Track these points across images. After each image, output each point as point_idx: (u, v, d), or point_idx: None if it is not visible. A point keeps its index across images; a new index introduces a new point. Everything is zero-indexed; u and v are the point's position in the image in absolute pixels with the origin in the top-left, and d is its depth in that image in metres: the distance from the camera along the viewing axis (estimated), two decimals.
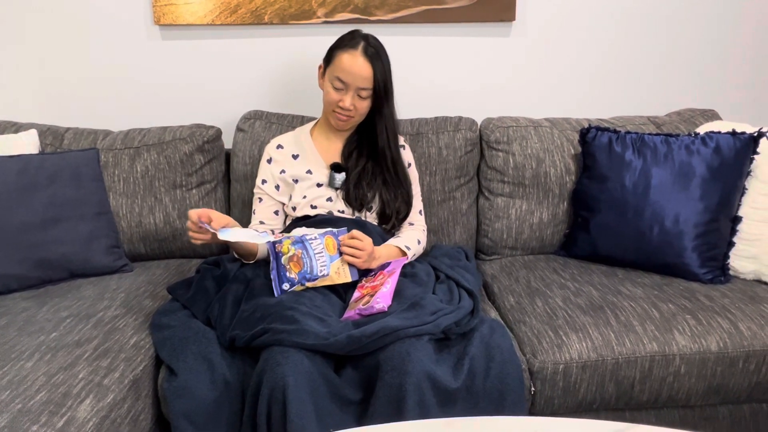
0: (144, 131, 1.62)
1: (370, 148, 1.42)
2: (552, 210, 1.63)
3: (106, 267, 1.47)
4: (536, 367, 1.19)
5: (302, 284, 1.19)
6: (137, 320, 1.25)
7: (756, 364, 1.22)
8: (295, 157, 1.43)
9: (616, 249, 1.51)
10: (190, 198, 1.60)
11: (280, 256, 1.19)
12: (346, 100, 1.32)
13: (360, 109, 1.35)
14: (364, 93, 1.33)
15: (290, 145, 1.45)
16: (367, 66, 1.30)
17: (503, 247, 1.66)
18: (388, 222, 1.41)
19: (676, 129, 1.68)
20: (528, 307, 1.35)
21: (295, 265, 1.19)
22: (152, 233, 1.58)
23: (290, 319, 1.07)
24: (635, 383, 1.21)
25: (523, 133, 1.63)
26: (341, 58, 1.31)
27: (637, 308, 1.29)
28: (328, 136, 1.46)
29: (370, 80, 1.31)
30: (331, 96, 1.34)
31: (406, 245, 1.38)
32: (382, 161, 1.41)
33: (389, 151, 1.41)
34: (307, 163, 1.42)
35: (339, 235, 1.26)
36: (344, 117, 1.35)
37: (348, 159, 1.42)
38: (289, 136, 1.47)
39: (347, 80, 1.31)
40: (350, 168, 1.41)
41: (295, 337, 1.03)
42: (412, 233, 1.44)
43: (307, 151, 1.44)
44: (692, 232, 1.42)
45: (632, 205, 1.46)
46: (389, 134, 1.40)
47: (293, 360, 1.00)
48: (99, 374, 1.06)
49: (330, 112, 1.37)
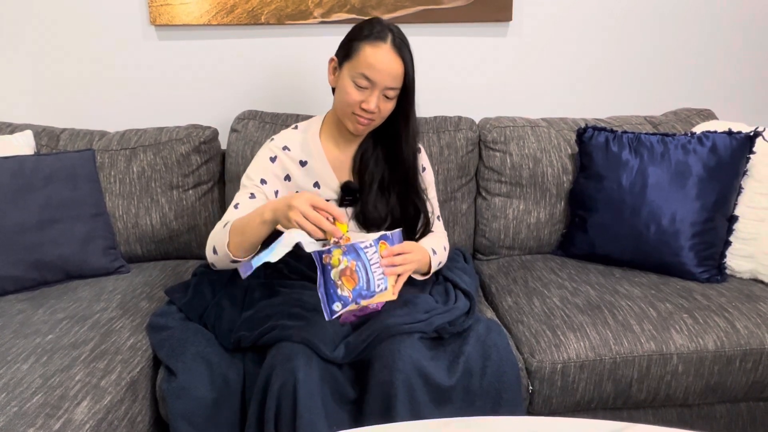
0: (140, 132, 1.62)
1: (388, 156, 1.25)
2: (549, 210, 1.63)
3: (102, 268, 1.47)
4: (534, 367, 1.19)
5: (357, 302, 0.98)
6: (134, 322, 1.24)
7: (753, 363, 1.22)
8: (303, 164, 1.25)
9: (614, 248, 1.51)
10: (186, 199, 1.59)
11: (329, 269, 0.95)
12: (371, 101, 1.13)
13: (384, 111, 1.17)
14: (391, 93, 1.15)
15: (298, 149, 1.25)
16: (398, 61, 1.13)
17: (501, 247, 1.66)
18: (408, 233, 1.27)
19: (672, 128, 1.68)
20: (526, 306, 1.35)
21: (348, 280, 0.96)
22: (149, 234, 1.57)
23: (297, 315, 1.07)
24: (633, 382, 1.21)
25: (520, 132, 1.63)
26: (366, 52, 1.12)
27: (635, 307, 1.30)
28: (337, 142, 1.27)
29: (400, 78, 1.14)
30: (351, 96, 1.14)
31: (433, 248, 1.25)
32: (400, 172, 1.24)
33: (410, 161, 1.24)
34: (315, 175, 1.25)
35: (395, 240, 1.07)
36: (366, 121, 1.16)
37: (362, 172, 1.26)
38: (296, 138, 1.27)
39: (375, 78, 1.12)
40: (365, 184, 1.25)
41: (304, 333, 1.02)
42: (439, 239, 1.31)
43: (316, 159, 1.25)
44: (689, 231, 1.42)
45: (629, 205, 1.46)
46: (412, 141, 1.23)
47: (303, 356, 0.99)
48: (96, 376, 1.05)
49: (348, 115, 1.17)
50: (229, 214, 1.16)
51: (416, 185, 1.27)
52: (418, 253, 1.15)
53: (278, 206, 0.99)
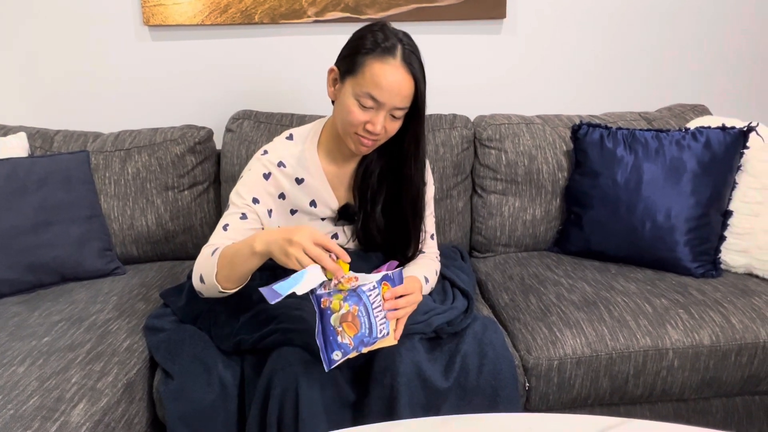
0: (135, 133, 1.61)
1: (392, 176, 1.15)
2: (545, 207, 1.63)
3: (98, 270, 1.46)
4: (531, 364, 1.20)
5: (358, 350, 0.90)
6: (130, 323, 1.24)
7: (748, 357, 1.23)
8: (299, 182, 1.15)
9: (609, 244, 1.52)
10: (182, 200, 1.59)
11: (328, 314, 0.88)
12: (377, 122, 1.02)
13: (390, 131, 1.06)
14: (399, 113, 1.04)
15: (293, 165, 1.14)
16: (409, 80, 1.01)
17: (497, 245, 1.66)
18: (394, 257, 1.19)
19: (666, 124, 1.68)
20: (522, 304, 1.35)
21: (349, 326, 0.89)
22: (144, 235, 1.57)
23: (299, 319, 1.06)
24: (629, 378, 1.21)
25: (515, 130, 1.63)
26: (374, 69, 0.99)
27: (630, 303, 1.30)
28: (336, 157, 1.17)
29: (410, 97, 1.03)
30: (354, 116, 1.02)
31: (426, 276, 1.17)
32: (405, 194, 1.14)
33: (417, 184, 1.13)
34: (312, 193, 1.16)
35: (396, 281, 0.98)
36: (369, 142, 1.06)
37: (363, 190, 1.17)
38: (292, 151, 1.15)
39: (382, 99, 1.00)
40: (365, 202, 1.17)
41: (306, 336, 1.02)
42: (430, 264, 1.22)
43: (313, 176, 1.15)
44: (684, 226, 1.42)
45: (624, 201, 1.47)
46: (421, 162, 1.12)
47: (305, 360, 0.99)
48: (92, 378, 1.05)
49: (350, 134, 1.06)
50: (217, 237, 1.07)
51: (420, 208, 1.17)
52: (419, 292, 1.06)
53: (274, 239, 0.90)
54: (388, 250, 1.20)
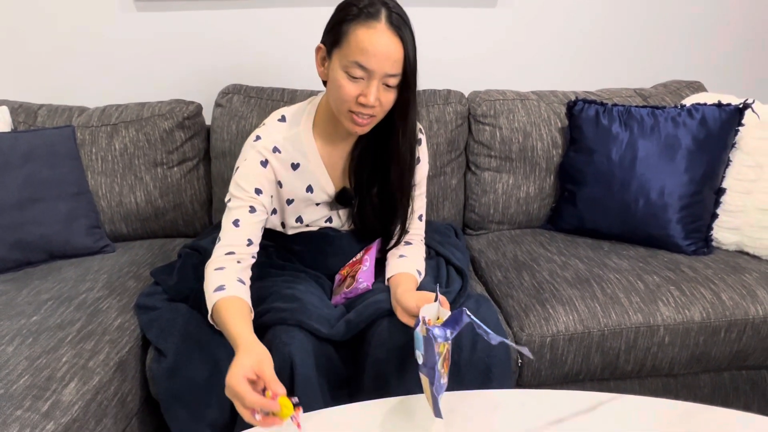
0: (121, 107, 1.57)
1: (383, 154, 1.10)
2: (539, 184, 1.62)
3: (87, 248, 1.44)
4: (523, 340, 1.20)
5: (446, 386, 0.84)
6: (121, 302, 1.23)
7: (737, 333, 1.24)
8: (295, 168, 1.10)
9: (602, 222, 1.52)
10: (171, 176, 1.56)
11: (437, 359, 0.80)
12: (370, 93, 0.96)
13: (386, 103, 1.00)
14: (393, 81, 0.97)
15: (289, 151, 1.09)
16: (397, 43, 0.94)
17: (490, 222, 1.66)
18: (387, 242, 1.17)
19: (662, 101, 1.67)
20: (515, 281, 1.35)
21: (446, 364, 0.84)
22: (133, 213, 1.54)
23: (291, 297, 1.05)
24: (620, 354, 1.23)
25: (510, 106, 1.61)
26: (359, 36, 0.94)
27: (623, 280, 1.31)
28: (332, 138, 1.11)
29: (401, 62, 0.96)
30: (346, 90, 0.97)
31: (418, 269, 1.13)
32: (390, 166, 1.09)
33: (407, 161, 1.09)
34: (308, 178, 1.12)
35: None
36: (366, 119, 1.00)
37: (359, 172, 1.13)
38: (287, 136, 1.09)
39: (371, 66, 0.94)
40: (362, 186, 1.13)
41: (299, 315, 1.01)
42: (419, 253, 1.17)
43: (310, 161, 1.11)
44: (677, 204, 1.42)
45: (618, 178, 1.46)
46: (410, 135, 1.07)
47: (298, 339, 0.98)
48: (83, 357, 1.04)
49: (344, 113, 1.00)
50: (231, 236, 1.01)
51: (406, 185, 1.12)
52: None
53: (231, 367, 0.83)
54: (383, 231, 1.17)
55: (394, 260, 1.13)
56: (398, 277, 1.08)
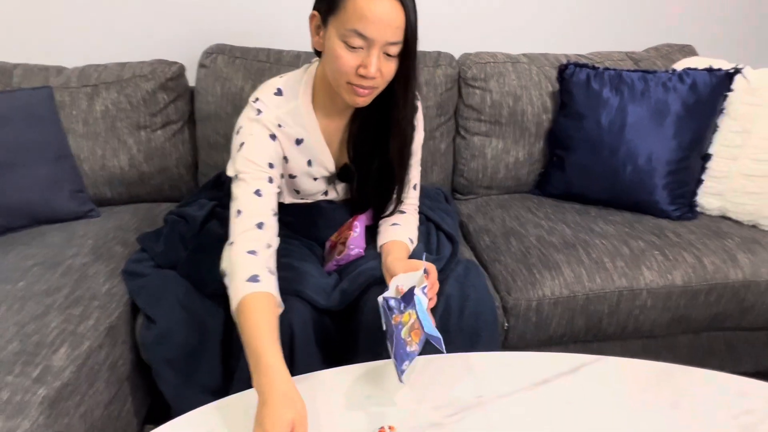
0: (101, 68, 1.52)
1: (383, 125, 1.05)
2: (528, 149, 1.62)
3: (71, 213, 1.42)
4: (510, 304, 1.23)
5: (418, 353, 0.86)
6: (108, 267, 1.22)
7: (716, 296, 1.28)
8: (299, 143, 1.06)
9: (590, 187, 1.53)
10: (155, 140, 1.52)
11: (400, 329, 0.82)
12: (370, 63, 0.89)
13: (387, 74, 0.93)
14: (394, 49, 0.90)
15: (291, 125, 1.03)
16: (398, 8, 0.87)
17: (479, 187, 1.66)
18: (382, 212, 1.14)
19: (653, 65, 1.66)
20: (503, 246, 1.37)
21: (416, 333, 0.84)
22: (117, 177, 1.51)
23: (287, 266, 1.04)
24: (604, 317, 1.26)
25: (501, 69, 1.59)
26: (357, 1, 0.87)
27: (609, 245, 1.33)
28: (330, 111, 1.06)
29: (402, 29, 0.89)
30: (344, 62, 0.90)
31: (410, 238, 1.12)
32: (390, 138, 1.04)
33: (407, 133, 1.05)
34: (309, 153, 1.08)
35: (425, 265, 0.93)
36: (366, 91, 0.93)
37: (358, 145, 1.09)
38: (287, 110, 1.03)
39: (371, 34, 0.87)
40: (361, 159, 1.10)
41: (296, 284, 1.01)
42: (412, 222, 1.15)
43: (311, 136, 1.06)
44: (664, 169, 1.44)
45: (607, 144, 1.46)
46: (411, 107, 1.03)
47: (297, 309, 0.98)
48: (72, 323, 1.04)
49: (343, 86, 0.94)
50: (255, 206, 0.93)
51: (406, 157, 1.09)
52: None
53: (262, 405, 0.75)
54: (379, 203, 1.13)
55: (386, 228, 1.12)
56: (390, 245, 1.08)
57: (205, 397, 1.07)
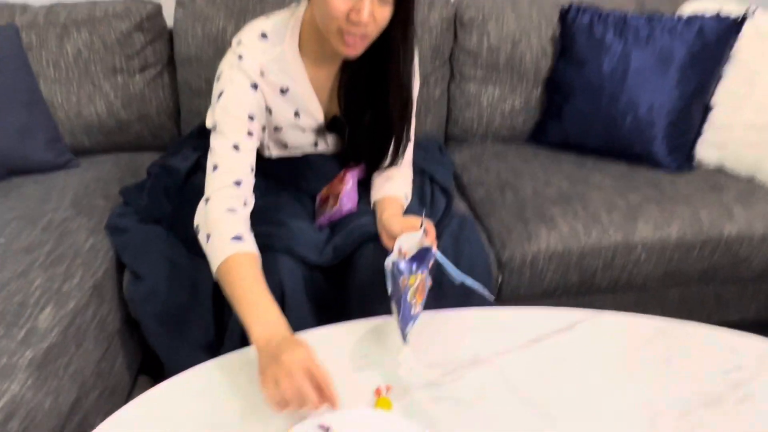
0: (69, 6, 1.40)
1: (379, 77, 0.98)
2: (525, 96, 1.56)
3: (48, 163, 1.35)
4: (505, 259, 1.21)
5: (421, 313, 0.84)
6: (91, 221, 1.17)
7: (710, 250, 1.28)
8: (284, 92, 0.99)
9: (587, 137, 1.49)
10: (133, 85, 1.44)
11: (407, 291, 0.79)
12: (363, 7, 0.82)
13: (381, 20, 0.87)
14: None
15: (275, 72, 0.97)
16: None
17: (473, 136, 1.61)
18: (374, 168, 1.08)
19: (659, 8, 1.57)
20: (498, 199, 1.34)
21: (420, 294, 0.81)
22: (95, 125, 1.44)
23: (277, 221, 1.01)
24: (598, 271, 1.25)
25: (499, 10, 1.50)
26: None
27: (605, 198, 1.31)
28: (318, 57, 0.99)
29: None
30: (334, 6, 0.83)
31: (405, 193, 1.07)
32: (390, 91, 0.98)
33: (407, 86, 0.98)
34: (296, 103, 1.02)
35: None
36: (358, 39, 0.87)
37: (349, 96, 1.03)
38: (272, 56, 0.96)
39: None
40: (352, 111, 1.04)
41: (287, 240, 0.97)
42: (404, 174, 1.10)
43: (298, 84, 0.99)
44: (664, 120, 1.40)
45: (608, 92, 1.41)
46: (410, 57, 0.96)
47: (288, 266, 0.95)
48: (56, 281, 1.01)
49: (333, 33, 0.88)
50: (233, 162, 0.90)
51: (409, 112, 1.03)
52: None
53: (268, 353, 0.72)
54: (374, 156, 1.08)
55: (380, 182, 1.08)
56: (385, 201, 1.04)
57: (198, 354, 1.07)
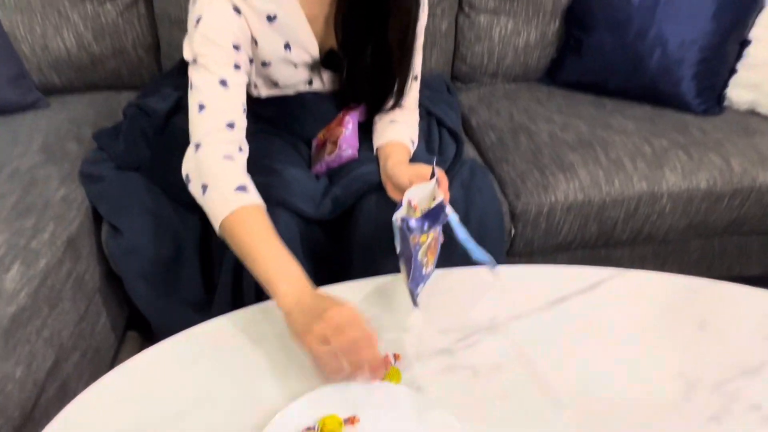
0: None
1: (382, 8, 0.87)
2: (541, 30, 1.41)
3: (13, 103, 1.22)
4: (519, 210, 1.12)
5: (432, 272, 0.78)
6: (62, 169, 1.06)
7: (740, 200, 1.19)
8: (271, 20, 0.86)
9: (608, 76, 1.36)
10: (105, 15, 1.28)
11: (417, 249, 0.70)
12: None
13: None
14: None
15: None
16: None
17: (482, 74, 1.47)
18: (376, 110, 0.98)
19: None
20: (511, 144, 1.23)
21: (432, 252, 0.75)
22: (64, 60, 1.29)
23: (269, 169, 0.90)
24: (618, 223, 1.17)
25: None
26: None
27: (628, 144, 1.20)
28: None
29: None
30: None
31: (411, 139, 0.97)
32: (390, 19, 0.87)
33: (405, 6, 0.87)
34: (286, 34, 0.89)
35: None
36: None
37: (348, 29, 0.92)
38: None
39: None
40: (351, 45, 0.92)
41: (282, 192, 0.87)
42: (410, 117, 1.00)
43: (287, 11, 0.87)
44: (696, 57, 1.26)
45: (635, 24, 1.27)
46: None
47: (284, 221, 0.86)
48: (24, 236, 0.91)
49: None
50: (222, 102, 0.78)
51: (410, 44, 0.91)
52: None
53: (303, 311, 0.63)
54: (375, 96, 0.96)
55: (384, 126, 0.96)
56: (389, 147, 0.93)
57: (186, 311, 0.99)
